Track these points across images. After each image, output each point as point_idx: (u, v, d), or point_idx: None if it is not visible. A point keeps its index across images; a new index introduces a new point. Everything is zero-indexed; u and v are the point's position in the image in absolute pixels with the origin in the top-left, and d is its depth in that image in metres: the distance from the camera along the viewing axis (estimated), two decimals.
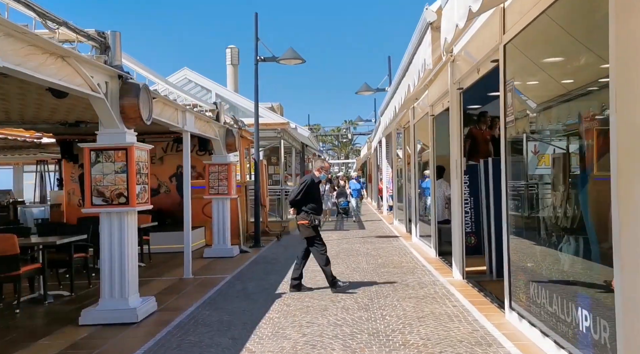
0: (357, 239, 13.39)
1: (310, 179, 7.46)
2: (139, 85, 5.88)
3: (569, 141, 4.27)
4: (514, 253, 5.23)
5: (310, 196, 7.35)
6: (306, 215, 7.28)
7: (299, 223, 7.38)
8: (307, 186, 7.32)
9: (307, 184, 7.35)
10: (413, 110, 11.66)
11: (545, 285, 4.38)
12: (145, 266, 9.86)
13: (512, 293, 5.19)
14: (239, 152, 13.45)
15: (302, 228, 7.37)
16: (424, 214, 12.35)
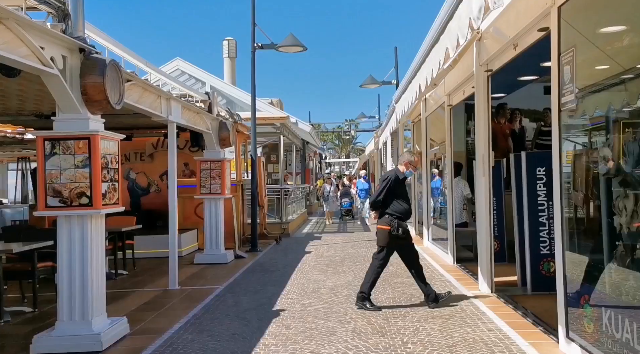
0: (363, 243, 12.33)
1: (394, 175, 6.12)
2: (104, 60, 4.81)
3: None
4: (574, 267, 4.16)
5: (395, 197, 6.03)
6: (389, 220, 5.98)
7: (378, 227, 6.14)
8: (390, 184, 6.02)
9: (390, 181, 6.03)
10: (425, 102, 10.59)
11: (628, 314, 3.32)
12: (127, 275, 8.80)
13: (569, 318, 4.12)
14: (235, 148, 12.38)
15: (380, 234, 6.10)
16: (436, 216, 11.29)
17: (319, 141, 21.10)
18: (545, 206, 6.21)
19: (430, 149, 11.24)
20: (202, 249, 10.54)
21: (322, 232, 15.08)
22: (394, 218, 5.98)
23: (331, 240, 13.14)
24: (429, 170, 11.26)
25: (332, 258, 9.95)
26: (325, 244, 12.26)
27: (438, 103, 9.75)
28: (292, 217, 15.69)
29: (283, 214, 14.28)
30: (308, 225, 17.26)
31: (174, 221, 7.82)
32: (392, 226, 5.96)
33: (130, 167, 13.38)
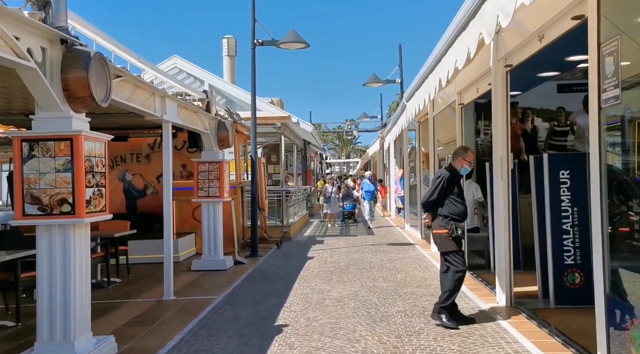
0: (368, 247, 11.85)
1: (448, 173, 5.54)
2: (89, 53, 4.34)
3: None
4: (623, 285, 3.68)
5: (450, 197, 5.48)
6: (444, 222, 5.44)
7: (434, 232, 5.55)
8: (444, 183, 5.45)
9: (444, 179, 5.46)
10: (432, 101, 10.13)
11: None
12: (120, 283, 8.33)
13: (611, 342, 3.65)
14: (234, 149, 11.91)
15: (439, 239, 5.50)
16: None
17: (321, 141, 20.59)
18: (570, 212, 5.73)
19: (435, 149, 10.78)
20: (200, 254, 10.09)
21: (325, 235, 14.61)
22: (449, 219, 5.44)
23: (334, 244, 12.67)
24: (436, 171, 10.79)
25: (336, 265, 9.48)
26: (329, 248, 11.79)
27: (447, 102, 9.30)
28: (293, 220, 15.22)
29: (284, 217, 13.81)
30: (310, 228, 16.78)
31: (169, 227, 7.35)
32: (450, 228, 5.39)
33: (126, 169, 12.93)
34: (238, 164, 11.92)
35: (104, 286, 8.02)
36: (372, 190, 15.39)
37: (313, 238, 13.96)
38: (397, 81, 15.97)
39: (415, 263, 9.39)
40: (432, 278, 7.94)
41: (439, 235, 5.49)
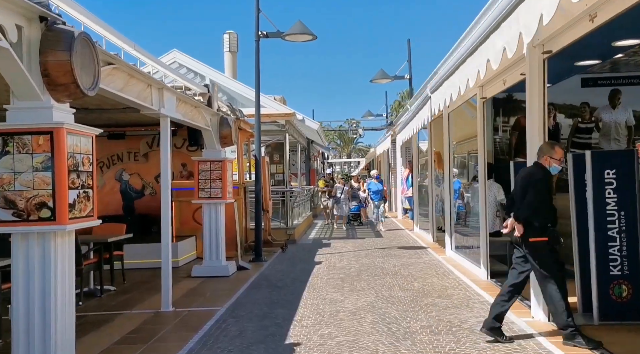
0: (378, 251, 11.24)
1: (541, 173, 4.77)
2: (72, 32, 3.73)
3: None
4: None
5: (545, 199, 4.76)
6: (541, 229, 4.69)
7: (531, 240, 4.70)
8: (539, 184, 4.71)
9: (540, 181, 4.72)
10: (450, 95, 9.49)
11: None
12: (115, 291, 7.71)
13: None
14: (237, 147, 11.31)
15: (539, 247, 4.69)
16: (459, 222, 10.21)
17: (325, 140, 19.98)
18: (616, 217, 5.12)
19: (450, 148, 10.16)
20: (201, 258, 9.50)
21: (331, 238, 14.00)
22: (546, 225, 4.71)
23: (341, 247, 12.06)
24: (451, 170, 10.18)
25: (347, 271, 8.86)
26: (336, 252, 11.18)
27: (465, 97, 8.63)
28: (297, 221, 14.60)
29: (288, 218, 13.20)
30: (314, 230, 16.16)
31: (167, 230, 6.75)
32: (551, 236, 4.67)
33: (123, 168, 12.33)
34: (241, 163, 11.32)
35: (97, 295, 7.42)
36: (381, 190, 14.62)
37: (319, 241, 13.34)
38: (405, 77, 15.37)
39: (431, 269, 8.77)
40: (452, 286, 7.33)
41: (536, 244, 4.69)
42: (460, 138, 10.34)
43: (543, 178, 4.77)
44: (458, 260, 9.40)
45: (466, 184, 10.26)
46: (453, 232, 10.08)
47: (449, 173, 10.12)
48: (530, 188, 4.72)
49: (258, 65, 10.17)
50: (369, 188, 15.17)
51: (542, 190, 4.73)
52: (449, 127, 10.08)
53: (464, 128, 10.25)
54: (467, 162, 10.43)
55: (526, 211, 4.72)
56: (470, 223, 9.73)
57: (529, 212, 4.71)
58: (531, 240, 4.72)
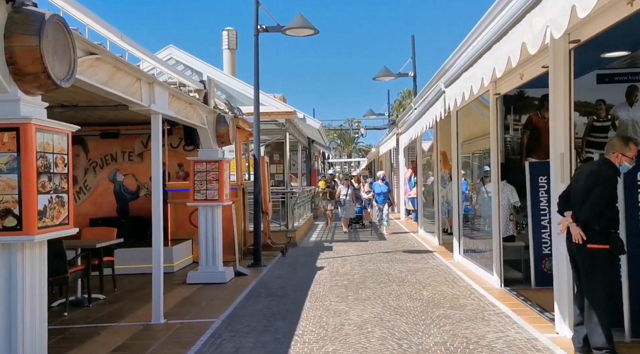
0: (382, 255, 10.77)
1: (610, 170, 4.26)
2: (43, 14, 3.26)
3: None
4: None
5: (612, 201, 4.32)
6: (604, 235, 4.19)
7: (589, 246, 4.19)
8: (607, 184, 4.21)
9: (606, 179, 4.20)
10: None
11: None
12: (104, 300, 7.24)
13: None
14: (235, 147, 10.85)
15: (597, 256, 4.19)
16: (466, 226, 9.75)
17: (327, 140, 19.50)
18: None
19: (459, 148, 9.69)
20: (198, 263, 9.04)
21: (333, 241, 13.52)
22: (610, 231, 4.24)
23: (344, 250, 11.59)
24: (459, 171, 9.71)
25: (351, 277, 8.40)
26: (339, 257, 10.71)
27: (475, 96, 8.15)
28: (298, 223, 14.13)
29: (289, 221, 12.73)
30: (315, 232, 15.69)
31: (159, 235, 6.27)
32: (614, 244, 4.18)
33: (117, 168, 11.87)
34: (239, 163, 10.85)
35: (84, 305, 6.95)
36: (386, 191, 14.05)
37: (320, 244, 12.87)
38: (409, 74, 14.90)
39: (440, 276, 8.30)
40: (464, 295, 6.86)
41: (596, 251, 4.19)
42: (467, 137, 9.88)
43: (612, 178, 4.25)
44: (467, 265, 8.93)
45: (474, 185, 9.79)
46: (461, 236, 9.61)
47: (458, 174, 9.65)
48: (597, 187, 4.18)
49: (257, 61, 9.70)
50: (373, 190, 14.56)
51: (609, 190, 4.23)
52: (457, 125, 9.61)
53: (472, 127, 9.78)
54: (472, 162, 9.96)
55: (588, 212, 4.18)
56: (479, 226, 9.28)
57: (590, 214, 4.18)
58: (589, 247, 4.19)
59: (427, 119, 7.27)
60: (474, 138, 9.74)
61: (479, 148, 9.69)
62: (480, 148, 9.65)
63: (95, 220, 11.13)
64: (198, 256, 9.21)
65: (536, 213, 7.05)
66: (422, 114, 7.32)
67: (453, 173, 9.82)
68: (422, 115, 7.51)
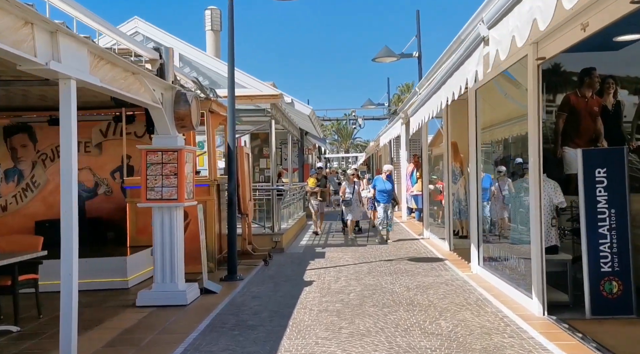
0: (383, 265, 9.01)
1: None
2: None
3: None
4: None
5: None
6: None
7: None
8: None
9: None
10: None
11: None
12: (17, 333, 5.46)
13: None
14: (208, 134, 9.07)
15: None
16: (489, 229, 7.99)
17: (321, 130, 17.68)
18: None
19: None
20: None
21: (326, 245, 11.76)
22: None
23: (338, 258, 9.83)
24: (478, 163, 7.95)
25: (345, 297, 6.65)
26: (332, 266, 8.95)
27: (507, 62, 6.32)
28: (287, 225, 12.37)
29: (275, 222, 10.96)
30: (307, 234, 13.89)
31: (71, 245, 4.48)
32: None
33: None
34: (212, 155, 9.05)
35: None
36: (390, 189, 12.02)
37: (311, 250, 11.11)
38: (414, 54, 13.11)
39: (458, 295, 6.55)
40: (497, 328, 5.10)
41: None
42: (491, 123, 8.11)
43: None
44: (490, 280, 7.18)
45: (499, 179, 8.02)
46: (481, 242, 7.86)
47: (477, 168, 7.89)
48: None
49: (232, 22, 7.83)
50: (374, 185, 12.17)
51: None
52: (476, 108, 7.84)
53: (497, 108, 8.02)
54: (492, 153, 8.18)
55: None
56: (504, 230, 7.53)
57: None
58: None
59: (455, 84, 5.47)
60: (497, 124, 7.98)
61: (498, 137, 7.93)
62: (500, 137, 7.88)
63: (42, 223, 9.35)
64: None
65: (591, 217, 5.31)
66: (448, 77, 5.52)
67: (471, 165, 8.05)
68: (448, 79, 5.70)
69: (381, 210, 11.46)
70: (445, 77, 6.20)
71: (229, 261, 8.12)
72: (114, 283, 7.56)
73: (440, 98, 6.43)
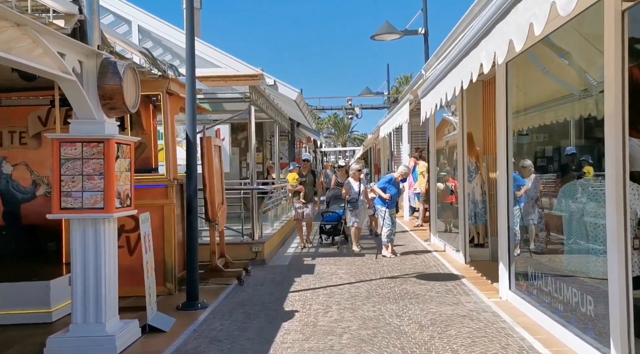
0: (387, 285, 7.21)
1: None
2: None
3: None
4: None
5: None
6: None
7: None
8: None
9: None
10: None
11: None
12: None
13: None
14: (166, 123, 7.21)
15: None
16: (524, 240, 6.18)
17: (313, 120, 15.79)
18: None
19: (509, 121, 6.08)
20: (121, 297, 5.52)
21: (316, 254, 9.97)
22: None
23: (330, 274, 8.04)
24: (509, 157, 6.13)
25: (336, 341, 4.85)
26: (321, 287, 7.16)
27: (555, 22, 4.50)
28: (271, 230, 10.58)
29: (255, 229, 9.14)
30: (296, 239, 11.98)
31: None
32: None
33: (2, 156, 8.26)
34: (172, 148, 7.20)
35: None
36: (395, 191, 9.29)
37: (298, 260, 9.30)
38: (419, 31, 11.27)
39: (492, 340, 4.76)
40: None
41: None
42: (525, 105, 6.28)
43: None
44: (529, 312, 5.39)
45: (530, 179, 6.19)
46: (513, 260, 6.06)
47: (508, 164, 6.07)
48: None
49: None
50: (382, 186, 9.37)
51: None
52: (506, 87, 6.02)
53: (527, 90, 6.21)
54: (534, 143, 6.33)
55: None
56: (550, 245, 5.74)
57: None
58: None
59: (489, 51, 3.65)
60: (535, 107, 6.14)
61: (534, 123, 6.11)
62: (536, 122, 6.06)
63: None
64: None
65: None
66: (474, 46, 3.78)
67: (500, 159, 6.22)
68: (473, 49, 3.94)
69: (388, 217, 9.26)
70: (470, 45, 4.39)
71: (188, 285, 6.31)
72: (32, 316, 5.75)
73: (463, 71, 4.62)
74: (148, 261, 5.59)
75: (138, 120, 7.78)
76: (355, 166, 10.18)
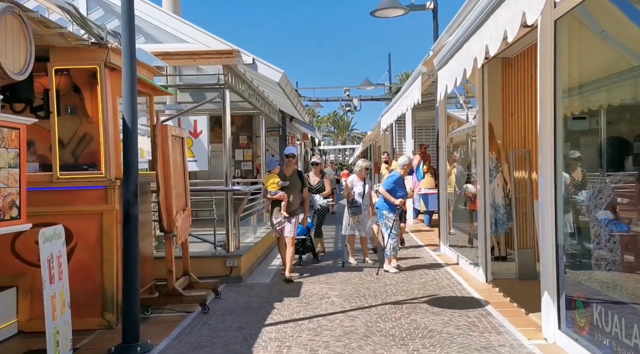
0: (391, 314, 5.61)
1: None
2: None
3: None
4: None
5: None
6: None
7: None
8: None
9: None
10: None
11: None
12: None
13: None
14: (103, 107, 5.58)
15: None
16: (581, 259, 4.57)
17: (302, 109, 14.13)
18: None
19: (554, 99, 4.48)
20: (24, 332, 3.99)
21: (304, 269, 8.34)
22: None
23: (320, 298, 6.44)
24: (557, 150, 4.51)
25: None
26: (307, 318, 5.56)
27: None
28: (253, 239, 8.98)
29: (230, 239, 7.53)
30: None
31: None
32: None
33: None
34: (111, 138, 5.57)
35: None
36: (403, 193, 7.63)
37: (282, 278, 7.66)
38: (428, 6, 9.67)
39: None
40: None
41: None
42: (578, 82, 4.66)
43: None
44: None
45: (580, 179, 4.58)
46: (563, 289, 4.45)
47: (555, 158, 4.47)
48: None
49: None
50: (390, 187, 7.69)
51: None
52: (555, 52, 4.41)
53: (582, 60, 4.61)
54: (602, 133, 4.68)
55: None
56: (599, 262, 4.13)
57: None
58: None
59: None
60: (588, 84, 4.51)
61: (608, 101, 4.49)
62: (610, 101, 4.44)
63: None
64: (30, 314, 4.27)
65: None
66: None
67: (544, 152, 4.60)
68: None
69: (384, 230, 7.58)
70: None
71: (124, 320, 4.70)
72: None
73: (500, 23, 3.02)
74: (56, 293, 3.99)
75: (80, 104, 6.15)
76: (363, 163, 8.45)
